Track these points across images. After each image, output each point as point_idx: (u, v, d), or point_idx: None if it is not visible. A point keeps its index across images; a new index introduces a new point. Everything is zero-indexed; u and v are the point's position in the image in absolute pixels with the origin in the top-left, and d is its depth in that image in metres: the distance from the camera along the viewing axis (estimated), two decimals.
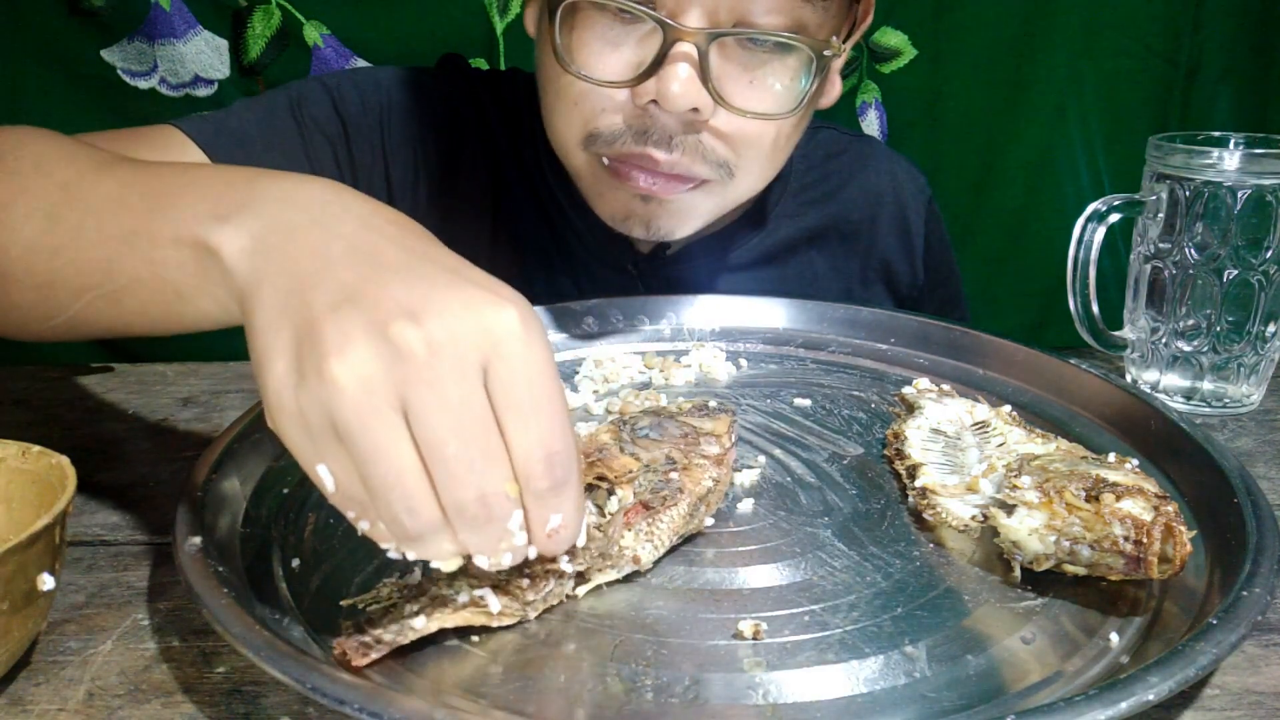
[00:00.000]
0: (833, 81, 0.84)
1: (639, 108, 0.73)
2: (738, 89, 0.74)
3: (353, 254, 0.43)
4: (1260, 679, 0.47)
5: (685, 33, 0.69)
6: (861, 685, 0.45)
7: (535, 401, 0.40)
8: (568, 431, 0.42)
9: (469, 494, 0.40)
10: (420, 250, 0.45)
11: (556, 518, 0.42)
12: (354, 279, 0.41)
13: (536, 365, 0.41)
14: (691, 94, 0.71)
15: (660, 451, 0.58)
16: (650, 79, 0.71)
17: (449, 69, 0.98)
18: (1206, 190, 0.73)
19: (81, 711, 0.45)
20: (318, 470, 0.41)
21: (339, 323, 0.39)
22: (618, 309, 0.85)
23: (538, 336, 0.41)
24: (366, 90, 0.91)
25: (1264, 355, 0.77)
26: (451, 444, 0.39)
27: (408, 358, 0.39)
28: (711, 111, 0.73)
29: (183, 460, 0.69)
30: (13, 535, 0.43)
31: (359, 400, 0.38)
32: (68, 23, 1.21)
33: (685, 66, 0.70)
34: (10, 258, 0.57)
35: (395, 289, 0.41)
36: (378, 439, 0.39)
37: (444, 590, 0.47)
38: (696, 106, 0.72)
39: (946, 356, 0.79)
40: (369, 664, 0.44)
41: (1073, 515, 0.50)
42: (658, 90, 0.71)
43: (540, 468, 0.41)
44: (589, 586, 0.51)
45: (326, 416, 0.39)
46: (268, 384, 0.41)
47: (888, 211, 1.02)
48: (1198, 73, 1.32)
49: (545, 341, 0.42)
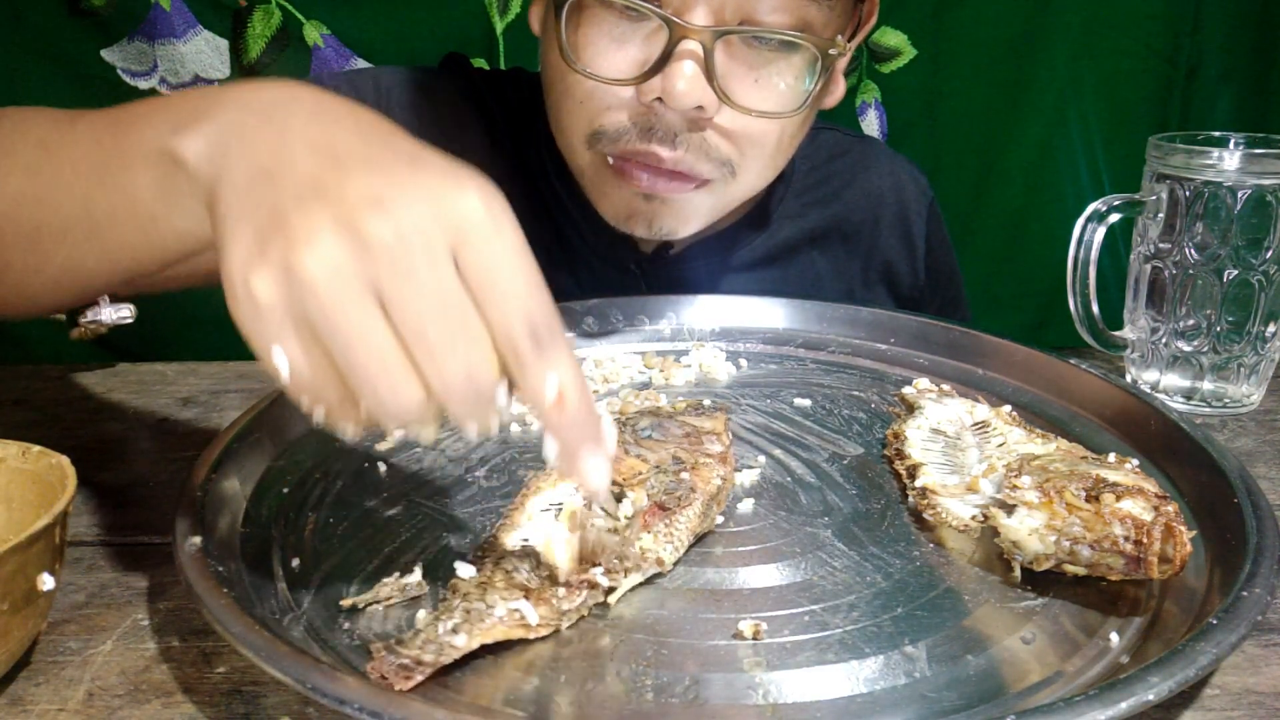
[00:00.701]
0: (837, 82, 0.85)
1: (644, 105, 0.74)
2: (743, 87, 0.74)
3: (309, 147, 0.43)
4: (1260, 679, 0.47)
5: (691, 30, 0.70)
6: (861, 685, 0.45)
7: (509, 279, 0.40)
8: (546, 302, 0.41)
9: (456, 373, 0.40)
10: (378, 138, 0.45)
11: (553, 377, 0.41)
12: (313, 171, 0.41)
13: (505, 245, 0.40)
14: (696, 92, 0.71)
15: (666, 452, 0.58)
16: (655, 76, 0.71)
17: (452, 68, 0.98)
18: (1206, 190, 0.73)
19: (81, 711, 0.45)
20: (274, 355, 0.40)
21: (304, 216, 0.39)
22: (618, 309, 0.85)
23: (503, 216, 0.41)
24: (365, 92, 0.91)
25: (1264, 355, 0.77)
26: (431, 327, 0.39)
27: (376, 247, 0.39)
28: (716, 110, 0.73)
29: (183, 460, 0.69)
30: (13, 535, 0.43)
31: (333, 289, 0.38)
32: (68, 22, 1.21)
33: (690, 64, 0.70)
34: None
35: (356, 180, 0.41)
36: (356, 323, 0.39)
37: (477, 604, 0.46)
38: (702, 104, 0.72)
39: (946, 356, 0.79)
40: (413, 687, 0.43)
41: (1073, 515, 0.50)
42: (663, 88, 0.71)
43: (525, 340, 0.40)
44: (620, 593, 0.50)
45: (295, 305, 0.39)
46: (230, 273, 0.40)
47: (889, 213, 1.02)
48: (1198, 73, 1.32)
49: (510, 220, 0.41)
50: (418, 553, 0.55)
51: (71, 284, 0.62)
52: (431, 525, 0.57)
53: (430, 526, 0.57)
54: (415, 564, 0.53)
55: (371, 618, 0.49)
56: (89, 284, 0.64)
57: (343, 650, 0.46)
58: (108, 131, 0.54)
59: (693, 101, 0.71)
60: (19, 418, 0.76)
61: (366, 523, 0.58)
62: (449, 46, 1.22)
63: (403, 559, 0.54)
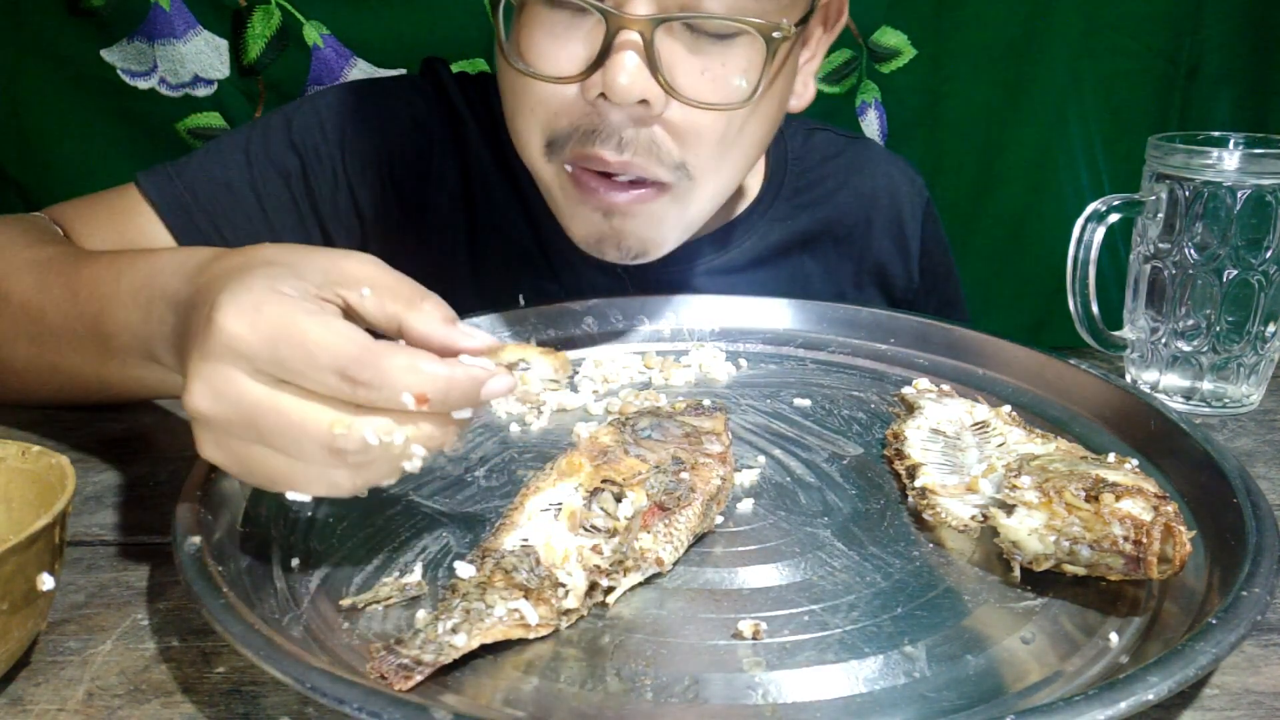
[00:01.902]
0: (805, 83, 0.83)
1: (589, 104, 0.71)
2: (688, 80, 0.71)
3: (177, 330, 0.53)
4: (1260, 679, 0.47)
5: (629, 20, 0.67)
6: (861, 685, 0.45)
7: (296, 361, 0.44)
8: (335, 341, 0.44)
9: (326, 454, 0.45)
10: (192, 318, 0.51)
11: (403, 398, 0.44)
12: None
13: (268, 332, 0.45)
14: (639, 84, 0.68)
15: (665, 452, 0.58)
16: (598, 72, 0.69)
17: (426, 73, 0.97)
18: (1206, 190, 0.73)
19: (81, 711, 0.45)
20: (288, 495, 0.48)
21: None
22: (618, 309, 0.85)
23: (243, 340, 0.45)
24: (325, 115, 0.91)
25: (1263, 355, 0.77)
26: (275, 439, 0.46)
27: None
28: (663, 104, 0.71)
29: (183, 460, 0.69)
30: (12, 535, 0.43)
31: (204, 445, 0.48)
32: (68, 23, 1.21)
33: (632, 55, 0.68)
34: (20, 375, 0.73)
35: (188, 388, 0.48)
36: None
37: (476, 604, 0.46)
38: (646, 98, 0.69)
39: (946, 356, 0.79)
40: (413, 687, 0.43)
41: (1072, 515, 0.50)
42: (604, 82, 0.69)
43: (345, 390, 0.44)
44: (619, 593, 0.51)
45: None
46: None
47: (882, 215, 1.01)
48: (1198, 73, 1.32)
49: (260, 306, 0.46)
50: (417, 553, 0.55)
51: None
52: (431, 525, 0.57)
53: (430, 526, 0.57)
54: (415, 564, 0.53)
55: (371, 618, 0.49)
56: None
57: (342, 650, 0.46)
58: (80, 323, 0.64)
59: (636, 95, 0.69)
60: (19, 418, 0.76)
61: (366, 523, 0.58)
62: (449, 46, 1.22)
63: (402, 559, 0.54)
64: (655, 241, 0.80)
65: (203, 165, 0.88)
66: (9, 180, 1.27)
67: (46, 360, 0.69)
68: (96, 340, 0.63)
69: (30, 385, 0.74)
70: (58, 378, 0.71)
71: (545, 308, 0.84)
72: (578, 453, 0.57)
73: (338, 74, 1.26)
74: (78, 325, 0.64)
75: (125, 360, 0.62)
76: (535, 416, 0.72)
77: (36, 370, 0.71)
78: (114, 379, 0.68)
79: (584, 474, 0.55)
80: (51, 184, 1.25)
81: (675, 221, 0.79)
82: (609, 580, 0.50)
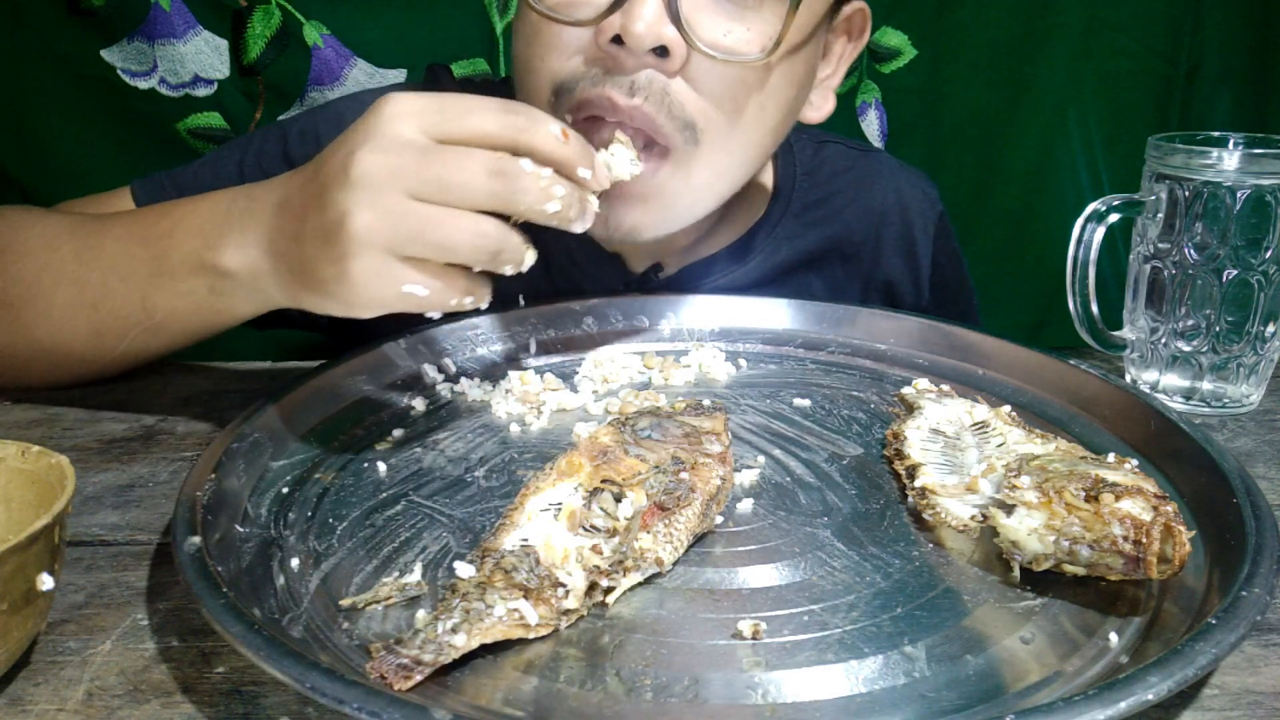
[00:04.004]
0: (825, 96, 0.83)
1: (602, 49, 0.69)
2: (709, 33, 0.69)
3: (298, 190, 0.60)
4: (1260, 679, 0.47)
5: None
6: (861, 685, 0.45)
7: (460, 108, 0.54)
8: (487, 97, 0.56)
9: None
10: (309, 170, 0.60)
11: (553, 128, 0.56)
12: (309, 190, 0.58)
13: (433, 99, 0.55)
14: (656, 29, 0.66)
15: (665, 452, 0.58)
16: (615, 14, 0.67)
17: (429, 81, 0.96)
18: (1206, 190, 0.73)
19: (81, 711, 0.45)
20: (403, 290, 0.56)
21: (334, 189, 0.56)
22: (617, 309, 0.85)
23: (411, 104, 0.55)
24: (323, 129, 0.90)
25: (1263, 355, 0.77)
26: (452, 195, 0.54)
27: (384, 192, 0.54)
28: (681, 58, 0.69)
29: (183, 460, 0.69)
30: (12, 535, 0.43)
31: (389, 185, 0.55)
32: (68, 23, 1.21)
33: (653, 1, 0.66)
34: (55, 320, 0.72)
35: (332, 192, 0.55)
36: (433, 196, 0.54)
37: (476, 604, 0.46)
38: (663, 43, 0.67)
39: (946, 356, 0.79)
40: (413, 687, 0.43)
41: (1072, 515, 0.50)
42: (622, 25, 0.66)
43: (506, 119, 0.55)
44: (619, 593, 0.51)
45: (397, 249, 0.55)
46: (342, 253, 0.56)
47: (892, 232, 1.00)
48: (1198, 73, 1.32)
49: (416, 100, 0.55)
50: (417, 553, 0.55)
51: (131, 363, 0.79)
52: (431, 525, 0.58)
53: (430, 526, 0.57)
54: (415, 564, 0.53)
55: (371, 618, 0.49)
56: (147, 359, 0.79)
57: (342, 650, 0.46)
58: (138, 245, 0.69)
59: (653, 41, 0.66)
60: (19, 417, 0.76)
61: (366, 523, 0.58)
62: (449, 47, 1.22)
63: (402, 559, 0.54)
64: (650, 216, 0.77)
65: (197, 175, 0.88)
66: (9, 180, 1.27)
67: (88, 298, 0.71)
68: (152, 260, 0.67)
69: (63, 329, 0.73)
70: (97, 316, 0.71)
71: (545, 308, 0.84)
72: (577, 453, 0.57)
73: (338, 74, 1.25)
74: (139, 249, 0.68)
75: (176, 274, 0.66)
76: (535, 417, 0.72)
77: (74, 310, 0.72)
78: (159, 303, 0.68)
79: (584, 474, 0.55)
80: (51, 184, 1.25)
81: (671, 200, 0.76)
82: (609, 580, 0.50)
